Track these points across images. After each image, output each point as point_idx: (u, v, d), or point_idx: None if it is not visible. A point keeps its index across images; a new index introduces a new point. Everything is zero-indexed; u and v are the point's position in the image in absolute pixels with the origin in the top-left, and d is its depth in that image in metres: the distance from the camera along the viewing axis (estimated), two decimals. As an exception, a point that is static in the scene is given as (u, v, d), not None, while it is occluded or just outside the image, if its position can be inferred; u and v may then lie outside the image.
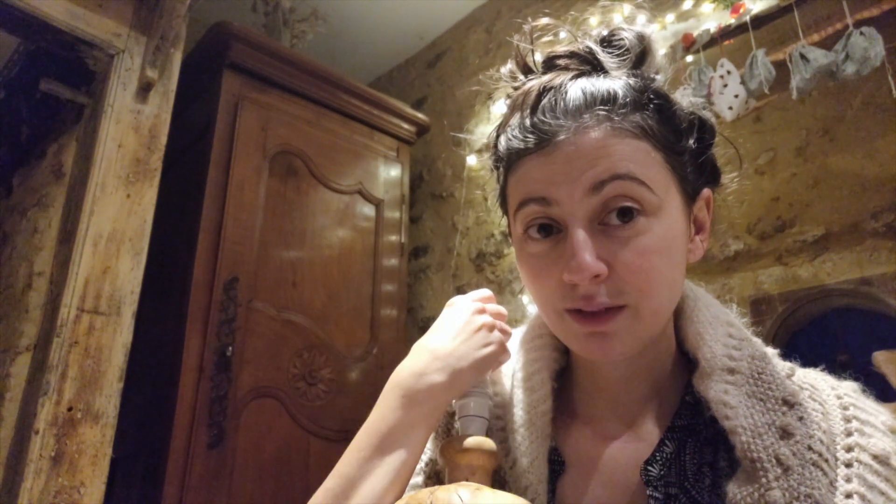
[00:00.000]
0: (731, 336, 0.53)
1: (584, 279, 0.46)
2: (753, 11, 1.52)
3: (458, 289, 2.34)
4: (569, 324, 0.49)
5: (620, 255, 0.46)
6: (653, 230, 0.47)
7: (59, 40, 1.46)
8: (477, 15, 2.61)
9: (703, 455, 0.50)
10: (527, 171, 0.50)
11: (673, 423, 0.53)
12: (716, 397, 0.48)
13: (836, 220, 1.44)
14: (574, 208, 0.47)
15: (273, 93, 1.94)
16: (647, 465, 0.50)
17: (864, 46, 1.27)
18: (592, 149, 0.47)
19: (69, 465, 1.22)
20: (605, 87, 0.49)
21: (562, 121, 0.48)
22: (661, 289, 0.48)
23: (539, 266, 0.50)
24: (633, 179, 0.46)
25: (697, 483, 0.49)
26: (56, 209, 1.58)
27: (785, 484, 0.43)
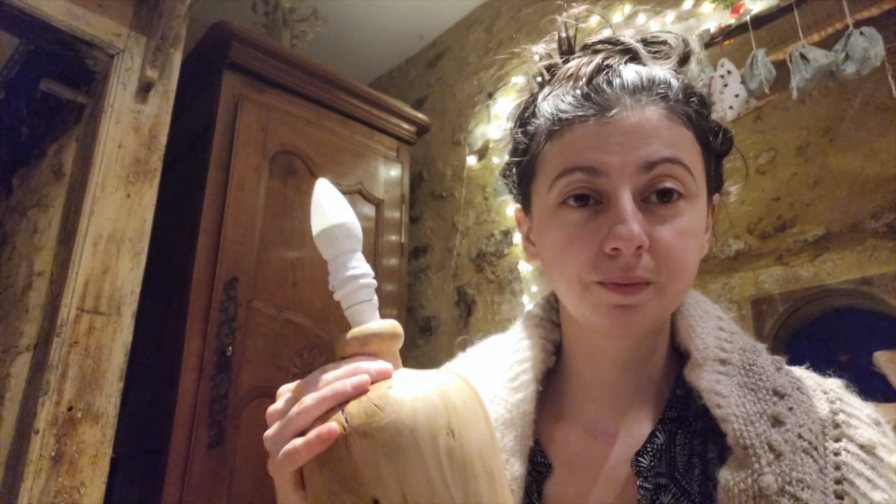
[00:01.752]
0: (722, 329, 0.54)
1: (630, 247, 0.46)
2: (753, 11, 1.52)
3: (459, 288, 2.34)
4: (595, 294, 0.49)
5: (659, 233, 0.47)
6: (689, 214, 0.49)
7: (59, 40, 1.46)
8: (477, 15, 2.61)
9: (693, 446, 0.51)
10: (577, 139, 0.49)
11: (664, 415, 0.53)
12: (707, 386, 0.49)
13: (836, 219, 1.44)
14: (623, 181, 0.47)
15: (273, 93, 1.94)
16: (638, 457, 0.51)
17: (864, 46, 1.27)
18: (649, 127, 0.48)
19: (69, 465, 1.22)
20: (660, 73, 0.51)
21: (620, 95, 0.49)
22: (687, 272, 0.49)
23: (574, 235, 0.49)
24: (682, 165, 0.48)
25: (687, 473, 0.49)
26: (56, 209, 1.58)
27: (777, 469, 0.44)
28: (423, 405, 0.37)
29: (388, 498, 0.35)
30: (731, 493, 0.44)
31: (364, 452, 0.36)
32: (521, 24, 2.37)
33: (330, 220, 0.45)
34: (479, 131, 2.42)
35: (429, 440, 0.36)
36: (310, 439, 0.38)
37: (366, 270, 0.45)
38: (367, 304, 0.44)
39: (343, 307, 0.45)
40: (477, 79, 2.53)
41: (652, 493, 0.49)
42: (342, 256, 0.45)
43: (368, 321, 0.44)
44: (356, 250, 0.45)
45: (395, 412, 0.36)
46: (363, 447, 0.36)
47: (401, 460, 0.35)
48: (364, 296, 0.44)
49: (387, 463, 0.35)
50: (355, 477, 0.36)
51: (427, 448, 0.36)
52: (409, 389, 0.38)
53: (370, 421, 0.36)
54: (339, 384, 0.40)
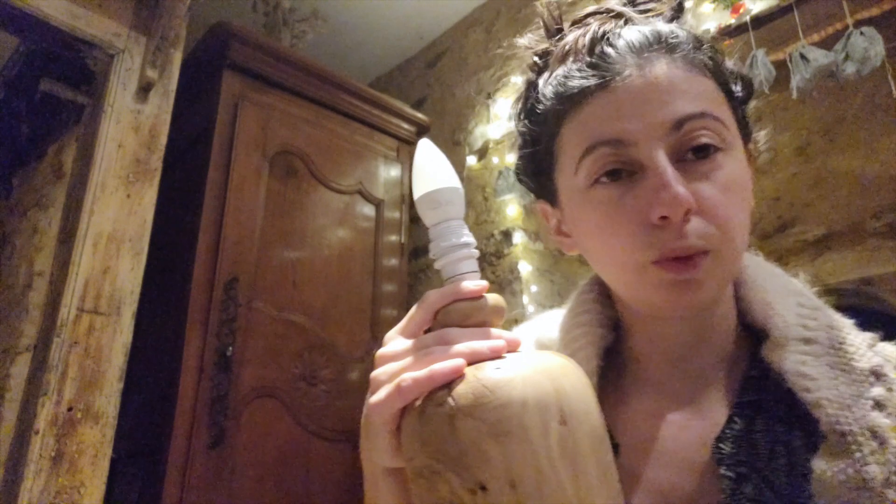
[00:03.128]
0: (803, 305, 0.50)
1: (679, 212, 0.42)
2: (753, 11, 1.52)
3: (459, 289, 2.34)
4: (653, 274, 0.45)
5: (703, 191, 0.44)
6: (730, 167, 0.45)
7: (59, 40, 1.46)
8: (477, 15, 2.61)
9: (776, 433, 0.46)
10: (591, 114, 0.46)
11: (741, 398, 0.49)
12: (793, 368, 0.45)
13: (837, 219, 1.44)
14: (654, 144, 0.44)
15: (273, 93, 1.94)
16: (719, 443, 0.47)
17: (864, 46, 1.27)
18: (667, 83, 0.44)
19: (69, 465, 1.22)
20: (663, 26, 0.48)
21: (626, 56, 0.46)
22: (740, 229, 0.45)
23: (613, 213, 0.46)
24: (711, 117, 0.45)
25: (771, 462, 0.45)
26: (56, 209, 1.58)
27: (882, 458, 0.40)
28: (534, 390, 0.35)
29: (495, 482, 0.33)
30: (829, 485, 0.41)
31: (472, 433, 0.34)
32: (520, 24, 2.37)
33: (434, 184, 0.42)
34: (479, 131, 2.42)
35: (539, 427, 0.34)
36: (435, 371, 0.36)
37: (470, 240, 0.42)
38: (473, 275, 0.42)
39: (443, 277, 0.42)
40: (477, 79, 2.53)
41: (734, 482, 0.45)
42: (446, 223, 0.42)
43: None
44: (460, 217, 0.42)
45: (507, 395, 0.34)
46: (470, 428, 0.34)
47: (509, 445, 0.34)
48: (469, 267, 0.42)
49: (495, 446, 0.34)
50: (461, 458, 0.34)
51: (537, 435, 0.34)
52: (519, 372, 0.36)
53: (479, 402, 0.34)
54: (476, 344, 0.37)
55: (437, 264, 0.42)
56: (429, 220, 0.43)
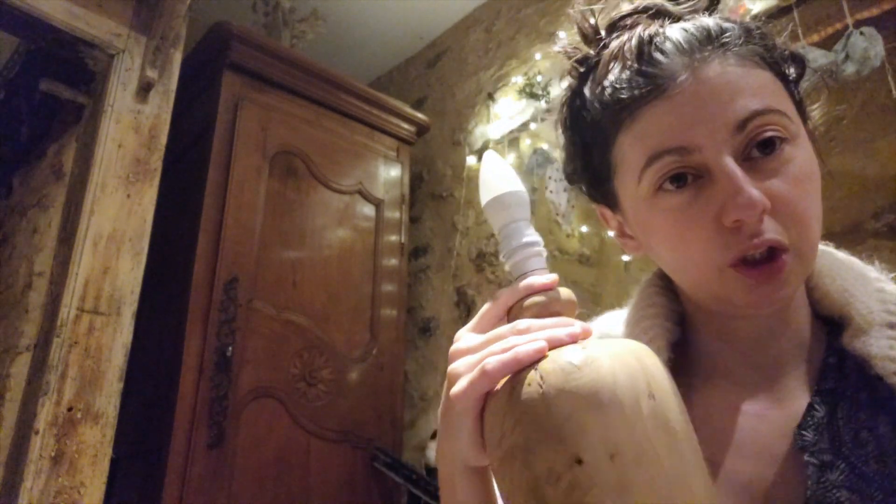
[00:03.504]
0: (883, 291, 0.49)
1: (754, 214, 0.41)
2: (753, 11, 1.52)
3: (458, 289, 2.34)
4: (734, 279, 0.44)
5: (775, 188, 0.43)
6: (798, 157, 0.45)
7: (59, 40, 1.47)
8: (477, 15, 2.61)
9: (859, 420, 0.45)
10: (649, 123, 0.45)
11: (820, 386, 0.48)
12: (881, 353, 0.44)
13: (836, 220, 1.44)
14: (720, 148, 0.43)
15: (273, 93, 1.94)
16: (802, 430, 0.46)
17: (864, 46, 1.27)
18: (723, 83, 0.44)
19: (69, 465, 1.22)
20: (708, 21, 0.47)
21: (677, 59, 0.45)
22: (815, 222, 0.45)
23: (685, 219, 0.45)
24: (774, 111, 0.44)
25: (857, 449, 0.44)
26: (56, 209, 1.58)
27: None
28: (622, 365, 0.36)
29: (593, 454, 0.33)
30: None
31: (566, 408, 0.34)
32: (520, 24, 2.37)
33: (500, 189, 0.43)
34: (479, 131, 2.42)
35: (632, 399, 0.34)
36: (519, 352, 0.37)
37: (538, 239, 0.43)
38: (542, 271, 0.43)
39: (513, 275, 0.43)
40: (477, 79, 2.53)
41: (818, 469, 0.44)
42: (514, 224, 0.43)
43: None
44: (527, 218, 0.44)
45: (596, 371, 0.35)
46: (565, 402, 0.34)
47: (605, 417, 0.34)
48: (538, 264, 0.43)
49: (591, 418, 0.34)
50: (557, 433, 0.34)
51: (631, 407, 0.34)
52: (604, 350, 0.36)
53: (569, 378, 0.35)
54: (553, 330, 0.38)
55: (506, 265, 0.44)
56: (496, 224, 0.44)
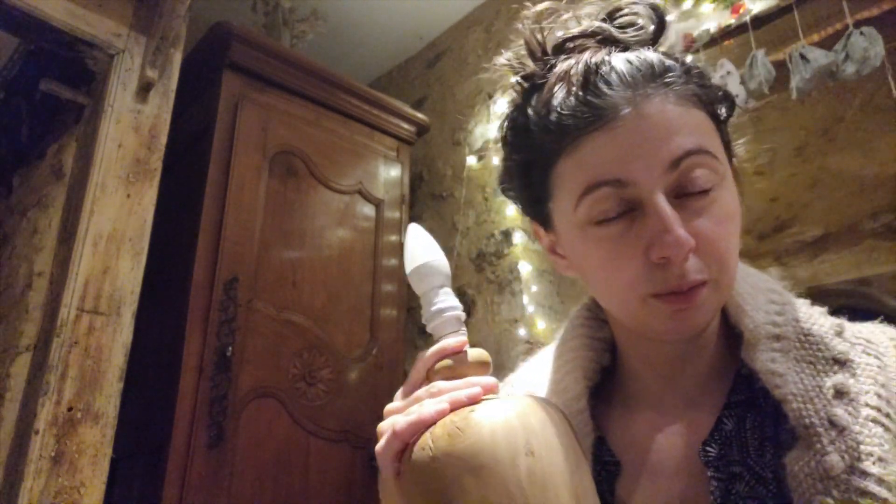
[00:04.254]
0: (773, 302, 0.51)
1: (681, 254, 0.43)
2: (753, 11, 1.52)
3: (458, 289, 2.34)
4: (654, 307, 0.46)
5: (700, 227, 0.45)
6: (723, 198, 0.47)
7: (59, 40, 1.47)
8: (476, 15, 2.61)
9: (765, 429, 0.47)
10: (590, 152, 0.46)
11: (730, 399, 0.50)
12: (763, 367, 0.46)
13: (834, 220, 1.44)
14: (653, 185, 0.45)
15: (273, 93, 1.94)
16: (706, 446, 0.48)
17: (864, 46, 1.27)
18: (662, 121, 0.45)
19: (69, 465, 1.22)
20: (653, 57, 0.48)
21: (621, 93, 0.46)
22: (734, 258, 0.47)
23: (616, 249, 0.46)
24: (706, 152, 0.46)
25: (760, 459, 0.46)
26: (56, 209, 1.58)
27: (843, 445, 0.41)
28: (503, 426, 0.39)
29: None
30: (798, 479, 0.41)
31: (451, 471, 0.38)
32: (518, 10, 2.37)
33: (420, 259, 0.49)
34: (479, 131, 2.42)
35: (508, 459, 0.38)
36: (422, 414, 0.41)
37: (452, 303, 0.48)
38: (455, 334, 0.47)
39: (434, 337, 0.49)
40: (477, 79, 2.53)
41: (725, 482, 0.46)
42: (430, 292, 0.48)
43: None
44: (443, 285, 0.49)
45: (476, 433, 0.39)
46: (449, 466, 0.38)
47: (483, 477, 0.37)
48: (452, 327, 0.47)
49: (471, 480, 0.37)
50: (443, 493, 0.38)
51: (507, 467, 0.37)
52: (489, 412, 0.40)
53: (454, 442, 0.39)
54: (456, 392, 0.42)
55: (428, 328, 0.48)
56: (418, 291, 0.49)
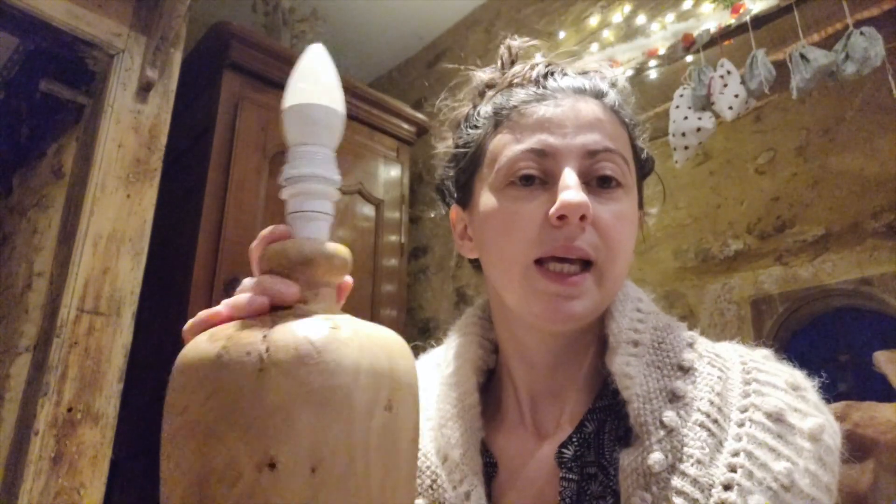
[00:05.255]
0: (639, 310, 0.54)
1: (576, 213, 0.47)
2: (753, 11, 1.52)
3: (458, 289, 2.34)
4: (536, 281, 0.48)
5: (601, 212, 0.49)
6: (626, 203, 0.51)
7: (59, 40, 1.46)
8: (476, 15, 2.61)
9: (619, 431, 0.50)
10: (527, 123, 0.52)
11: (594, 404, 0.52)
12: (618, 370, 0.49)
13: (836, 219, 1.44)
14: (569, 161, 0.50)
15: (273, 93, 1.93)
16: (562, 448, 0.50)
17: (864, 46, 1.27)
18: (594, 118, 0.51)
19: (69, 466, 1.22)
20: (599, 83, 0.56)
21: (565, 90, 0.53)
22: (624, 256, 0.50)
23: (517, 210, 0.50)
24: (621, 157, 0.51)
25: (611, 458, 0.48)
26: (56, 209, 1.58)
27: (668, 445, 0.43)
28: (369, 362, 0.30)
29: (291, 460, 0.27)
30: (626, 473, 0.43)
31: (281, 395, 0.27)
32: (520, 24, 2.37)
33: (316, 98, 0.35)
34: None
35: (365, 406, 0.29)
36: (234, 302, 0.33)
37: (333, 175, 0.35)
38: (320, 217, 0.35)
39: (286, 211, 0.35)
40: (477, 79, 2.52)
41: (578, 483, 0.48)
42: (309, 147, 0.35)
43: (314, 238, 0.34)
44: (330, 146, 0.36)
45: (335, 361, 0.29)
46: (283, 388, 0.28)
47: (325, 419, 0.28)
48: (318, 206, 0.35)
49: (307, 417, 0.27)
50: (260, 423, 0.27)
51: (361, 415, 0.29)
52: (355, 336, 0.30)
53: (302, 361, 0.28)
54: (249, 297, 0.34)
55: (282, 193, 0.35)
56: (290, 139, 0.35)
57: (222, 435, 0.28)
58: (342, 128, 0.36)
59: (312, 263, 0.34)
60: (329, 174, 0.35)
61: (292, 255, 0.34)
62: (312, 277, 0.34)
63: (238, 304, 0.33)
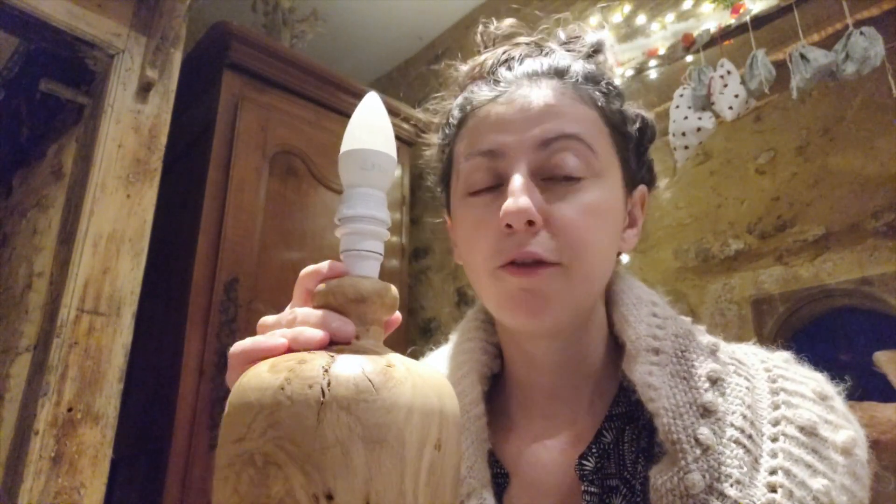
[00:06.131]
0: (656, 315, 0.51)
1: (519, 220, 0.44)
2: (753, 11, 1.52)
3: (459, 290, 2.34)
4: (502, 280, 0.47)
5: (558, 209, 0.46)
6: (593, 192, 0.47)
7: (59, 40, 1.46)
8: (476, 15, 2.61)
9: (640, 442, 0.47)
10: (479, 124, 0.50)
11: (610, 411, 0.50)
12: (640, 379, 0.46)
13: (836, 219, 1.44)
14: (518, 158, 0.47)
15: (273, 93, 1.93)
16: (582, 459, 0.48)
17: (864, 46, 1.27)
18: (546, 104, 0.48)
19: (69, 465, 1.22)
20: (560, 59, 0.52)
21: (517, 79, 0.50)
22: (593, 252, 0.47)
23: (479, 219, 0.48)
24: (580, 140, 0.47)
25: (634, 471, 0.46)
26: (56, 210, 1.58)
27: (705, 465, 0.41)
28: (423, 405, 0.31)
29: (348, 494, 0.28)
30: (660, 493, 0.41)
31: (340, 430, 0.28)
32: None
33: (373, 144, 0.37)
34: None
35: (417, 445, 0.30)
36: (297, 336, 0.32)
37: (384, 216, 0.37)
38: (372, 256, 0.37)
39: (341, 248, 0.37)
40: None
41: (600, 496, 0.46)
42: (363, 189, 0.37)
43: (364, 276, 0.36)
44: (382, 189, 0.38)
45: (391, 399, 0.30)
46: (341, 424, 0.29)
47: (379, 457, 0.29)
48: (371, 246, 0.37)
49: (363, 453, 0.28)
50: (318, 456, 0.28)
51: (412, 453, 0.30)
52: (409, 378, 0.31)
53: (361, 398, 0.29)
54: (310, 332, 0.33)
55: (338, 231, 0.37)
56: (349, 179, 0.37)
57: (281, 465, 0.28)
58: (394, 171, 0.38)
59: (367, 302, 0.36)
60: (382, 215, 0.37)
61: (350, 293, 0.35)
62: (365, 314, 0.36)
63: (301, 338, 0.33)
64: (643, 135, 0.55)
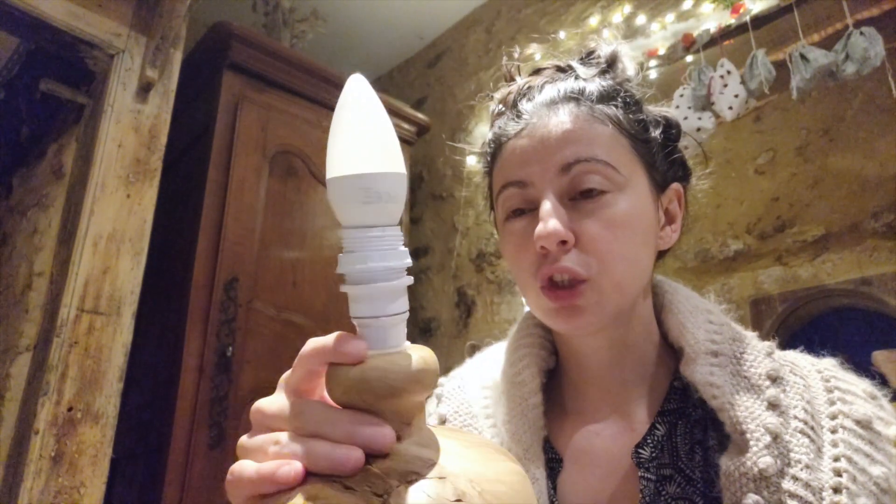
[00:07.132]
0: (712, 322, 0.56)
1: (550, 242, 0.49)
2: (753, 11, 1.52)
3: (459, 289, 2.34)
4: (542, 300, 0.52)
5: (586, 226, 0.50)
6: (618, 205, 0.51)
7: (59, 40, 1.46)
8: (477, 15, 2.61)
9: (694, 434, 0.52)
10: (507, 156, 0.55)
11: (663, 407, 0.54)
12: (702, 379, 0.50)
13: (835, 219, 1.44)
14: (545, 186, 0.52)
15: (273, 93, 1.94)
16: (638, 449, 0.52)
17: (864, 46, 1.27)
18: (563, 131, 0.52)
19: (69, 465, 1.22)
20: (575, 83, 0.56)
21: (537, 110, 0.55)
22: (622, 262, 0.51)
23: (518, 243, 0.54)
24: (598, 161, 0.51)
25: (690, 461, 0.50)
26: (56, 209, 1.58)
27: (776, 451, 0.45)
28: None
29: None
30: (733, 478, 0.45)
31: None
32: (520, 24, 2.37)
33: (379, 165, 0.25)
34: (478, 131, 2.42)
35: None
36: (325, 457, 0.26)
37: (406, 260, 0.27)
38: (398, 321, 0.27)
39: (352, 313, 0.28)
40: (477, 79, 2.53)
41: (656, 483, 0.50)
42: (375, 231, 0.26)
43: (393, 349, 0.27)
44: (396, 221, 0.27)
45: None
46: None
47: None
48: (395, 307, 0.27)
49: None
50: None
51: None
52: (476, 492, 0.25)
53: None
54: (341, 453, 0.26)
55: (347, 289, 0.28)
56: (350, 218, 0.27)
57: None
58: (405, 191, 0.27)
59: (403, 393, 0.26)
60: (403, 262, 0.27)
61: (378, 388, 0.26)
62: (403, 407, 0.27)
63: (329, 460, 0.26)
64: (668, 136, 0.59)
